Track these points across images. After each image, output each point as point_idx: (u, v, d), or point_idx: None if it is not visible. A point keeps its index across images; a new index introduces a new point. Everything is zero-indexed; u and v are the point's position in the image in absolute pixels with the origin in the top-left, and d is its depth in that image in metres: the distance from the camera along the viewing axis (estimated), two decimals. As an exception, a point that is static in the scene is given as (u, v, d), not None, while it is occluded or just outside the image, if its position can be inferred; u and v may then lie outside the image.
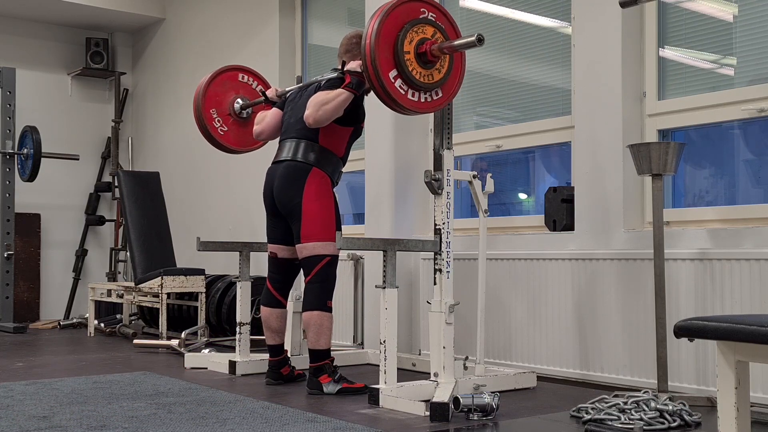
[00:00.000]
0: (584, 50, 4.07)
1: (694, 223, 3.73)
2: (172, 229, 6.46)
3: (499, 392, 3.43)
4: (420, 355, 4.63)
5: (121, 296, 6.20)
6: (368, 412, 3.24)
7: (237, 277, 4.41)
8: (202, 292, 5.66)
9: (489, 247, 4.07)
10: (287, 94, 4.13)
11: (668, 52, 3.92)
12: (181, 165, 7.31)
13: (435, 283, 3.50)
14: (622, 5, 2.74)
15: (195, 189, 7.14)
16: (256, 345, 4.63)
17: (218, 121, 4.47)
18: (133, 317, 6.66)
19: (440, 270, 3.49)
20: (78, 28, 7.87)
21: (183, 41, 7.42)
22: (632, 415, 2.94)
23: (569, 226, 4.10)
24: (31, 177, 6.77)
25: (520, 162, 4.85)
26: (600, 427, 2.86)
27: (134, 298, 6.02)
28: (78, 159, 7.30)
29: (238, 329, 4.33)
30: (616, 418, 2.94)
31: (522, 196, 4.90)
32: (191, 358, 4.55)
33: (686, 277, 3.51)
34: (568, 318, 3.97)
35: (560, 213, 4.14)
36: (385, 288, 3.43)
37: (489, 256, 4.11)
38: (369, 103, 3.90)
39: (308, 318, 3.71)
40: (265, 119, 4.10)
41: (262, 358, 4.27)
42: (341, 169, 3.92)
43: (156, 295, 5.69)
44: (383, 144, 5.00)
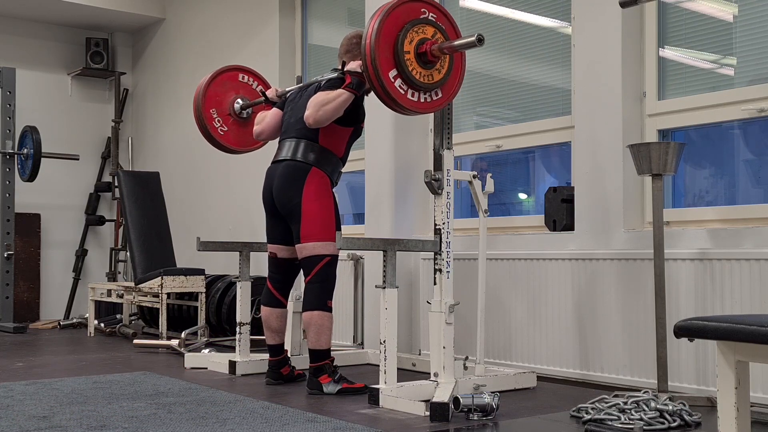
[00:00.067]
0: (584, 50, 4.07)
1: (694, 223, 3.73)
2: (172, 229, 6.46)
3: (499, 392, 3.43)
4: (420, 355, 4.63)
5: (121, 296, 6.20)
6: (368, 412, 3.24)
7: (237, 277, 4.41)
8: (202, 292, 5.66)
9: (489, 247, 4.07)
10: (287, 94, 4.13)
11: (668, 52, 3.91)
12: (181, 165, 7.31)
13: (435, 283, 3.50)
14: (622, 5, 2.74)
15: (195, 189, 7.14)
16: (256, 345, 4.63)
17: (218, 121, 4.47)
18: (133, 317, 6.66)
19: (440, 270, 3.49)
20: (78, 28, 7.87)
21: (183, 41, 7.42)
22: (632, 415, 2.94)
23: (569, 226, 4.10)
24: (31, 177, 6.77)
25: (520, 162, 4.85)
26: (600, 427, 2.86)
27: (134, 298, 6.02)
28: (78, 159, 7.30)
29: (238, 329, 4.33)
30: (616, 418, 2.94)
31: (522, 196, 4.90)
32: (191, 358, 4.55)
33: (686, 277, 3.51)
34: (568, 318, 3.97)
35: (560, 213, 4.14)
36: (385, 288, 3.43)
37: (489, 256, 4.11)
38: (369, 103, 3.90)
39: (308, 318, 3.71)
40: (265, 119, 4.10)
41: (262, 358, 4.27)
42: (341, 169, 3.92)
43: (156, 295, 5.69)
44: (383, 144, 5.00)
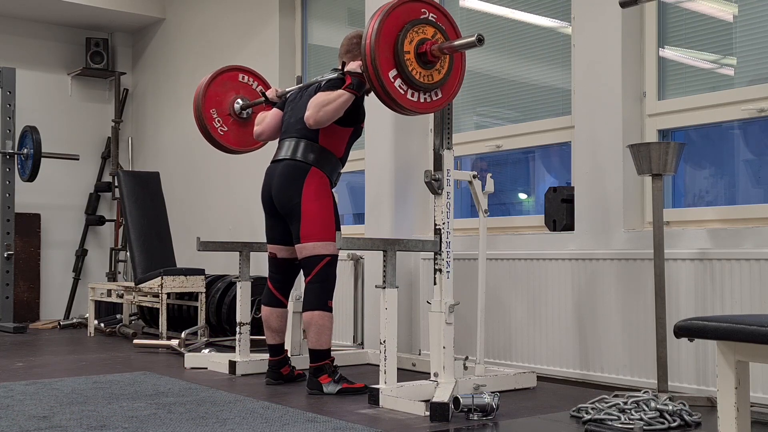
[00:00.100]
0: (584, 50, 4.07)
1: (694, 223, 3.73)
2: (172, 229, 6.45)
3: (499, 392, 3.43)
4: (420, 355, 4.63)
5: (121, 296, 6.20)
6: (368, 412, 3.24)
7: (237, 277, 4.41)
8: (202, 292, 5.66)
9: (489, 247, 4.07)
10: (287, 95, 4.13)
11: (668, 52, 3.91)
12: (181, 165, 7.31)
13: (435, 283, 3.50)
14: (622, 5, 2.74)
15: (195, 189, 7.13)
16: (256, 345, 4.63)
17: (218, 121, 4.47)
18: (133, 317, 6.66)
19: (440, 270, 3.49)
20: (78, 28, 7.87)
21: (183, 41, 7.42)
22: (632, 415, 2.94)
23: (569, 226, 4.10)
24: (31, 177, 6.77)
25: (520, 162, 4.85)
26: (600, 427, 2.86)
27: (134, 298, 6.02)
28: (78, 159, 7.30)
29: (238, 329, 4.33)
30: (616, 418, 2.94)
31: (522, 196, 4.90)
32: (191, 358, 4.55)
33: (686, 277, 3.51)
34: (568, 318, 3.97)
35: (560, 213, 4.14)
36: (385, 288, 3.43)
37: (489, 256, 4.11)
38: (369, 103, 3.90)
39: (309, 318, 3.71)
40: (266, 120, 4.10)
41: (262, 358, 4.27)
42: (340, 170, 3.92)
43: (156, 295, 5.69)
44: (383, 144, 5.00)
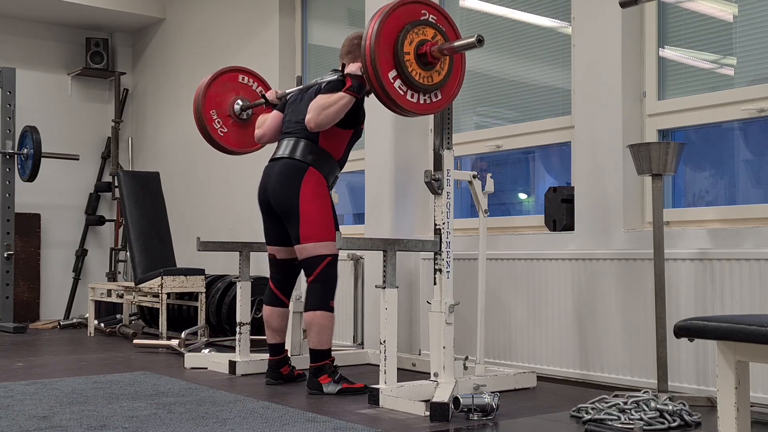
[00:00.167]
0: (584, 50, 4.07)
1: (694, 223, 3.73)
2: (172, 229, 6.45)
3: (499, 392, 3.43)
4: (420, 355, 4.63)
5: (121, 296, 6.20)
6: (368, 412, 3.24)
7: (237, 277, 4.41)
8: (202, 292, 5.66)
9: (489, 247, 4.07)
10: (287, 97, 4.12)
11: (668, 52, 3.91)
12: (181, 165, 7.31)
13: (435, 283, 3.50)
14: (622, 5, 2.74)
15: (195, 189, 7.14)
16: (256, 345, 4.63)
17: (218, 122, 4.47)
18: (133, 317, 6.66)
19: (440, 270, 3.49)
20: (78, 28, 7.87)
21: (183, 41, 7.42)
22: (632, 415, 2.94)
23: (569, 226, 4.10)
24: (31, 177, 6.77)
25: (520, 162, 4.85)
26: (600, 427, 2.86)
27: (134, 298, 6.02)
28: (78, 159, 7.30)
29: (238, 329, 4.33)
30: (616, 418, 2.94)
31: (522, 196, 4.90)
32: (191, 358, 4.55)
33: (686, 277, 3.51)
34: (568, 318, 3.97)
35: (560, 213, 4.14)
36: (385, 288, 3.43)
37: (489, 256, 4.11)
38: (369, 103, 3.90)
39: (310, 318, 3.71)
40: (266, 123, 4.09)
41: (262, 358, 4.27)
42: (338, 173, 3.91)
43: (156, 295, 5.69)
44: (383, 144, 5.00)
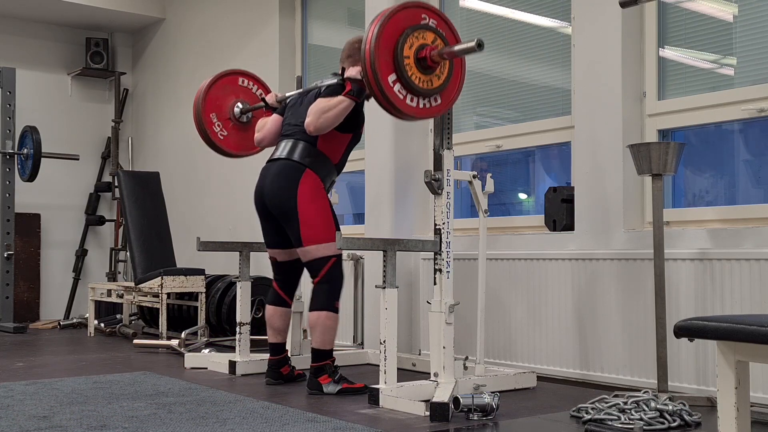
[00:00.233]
0: (584, 50, 4.07)
1: (694, 223, 3.73)
2: (172, 229, 6.45)
3: (499, 392, 3.43)
4: (420, 355, 4.63)
5: (121, 296, 6.20)
6: (368, 412, 3.24)
7: (237, 277, 4.41)
8: (202, 292, 5.66)
9: (489, 247, 4.07)
10: (287, 100, 4.12)
11: (668, 52, 3.92)
12: (181, 165, 7.31)
13: (435, 283, 3.50)
14: (622, 5, 2.74)
15: (195, 189, 7.13)
16: (256, 345, 4.63)
17: (218, 125, 4.46)
18: (133, 317, 6.66)
19: (440, 270, 3.49)
20: (78, 28, 7.87)
21: (183, 41, 7.42)
22: (632, 415, 2.94)
23: (569, 226, 4.10)
24: (31, 177, 6.77)
25: (520, 162, 4.85)
26: (600, 427, 2.86)
27: (134, 298, 6.02)
28: (78, 159, 7.30)
29: (238, 329, 4.33)
30: (616, 418, 2.94)
31: (522, 196, 4.90)
32: (191, 358, 4.55)
33: (686, 277, 3.51)
34: (568, 318, 3.97)
35: (560, 213, 4.14)
36: (385, 288, 3.43)
37: (489, 256, 4.11)
38: (369, 103, 3.89)
39: (315, 318, 3.70)
40: (266, 126, 4.09)
41: (262, 358, 4.26)
42: (334, 178, 3.91)
43: (156, 295, 5.69)
44: (383, 144, 5.00)
